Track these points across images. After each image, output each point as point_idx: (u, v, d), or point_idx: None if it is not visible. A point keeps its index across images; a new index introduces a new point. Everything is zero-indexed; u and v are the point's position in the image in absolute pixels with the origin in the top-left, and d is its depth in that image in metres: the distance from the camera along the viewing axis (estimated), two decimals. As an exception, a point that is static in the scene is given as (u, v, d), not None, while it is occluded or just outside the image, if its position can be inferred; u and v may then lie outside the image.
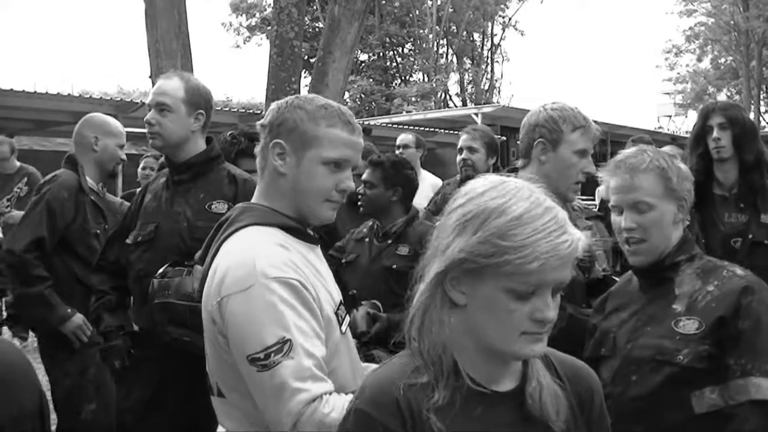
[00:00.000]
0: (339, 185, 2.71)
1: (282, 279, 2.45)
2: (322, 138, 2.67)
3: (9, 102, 20.61)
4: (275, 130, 2.71)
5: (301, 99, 2.76)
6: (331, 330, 2.61)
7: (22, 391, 1.82)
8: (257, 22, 53.45)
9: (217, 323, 2.52)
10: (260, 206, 2.75)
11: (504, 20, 59.70)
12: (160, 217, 4.17)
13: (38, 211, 4.99)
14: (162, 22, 11.82)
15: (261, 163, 2.79)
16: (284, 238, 2.64)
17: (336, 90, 12.27)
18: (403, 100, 47.15)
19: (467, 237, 1.95)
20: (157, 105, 4.16)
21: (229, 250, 2.61)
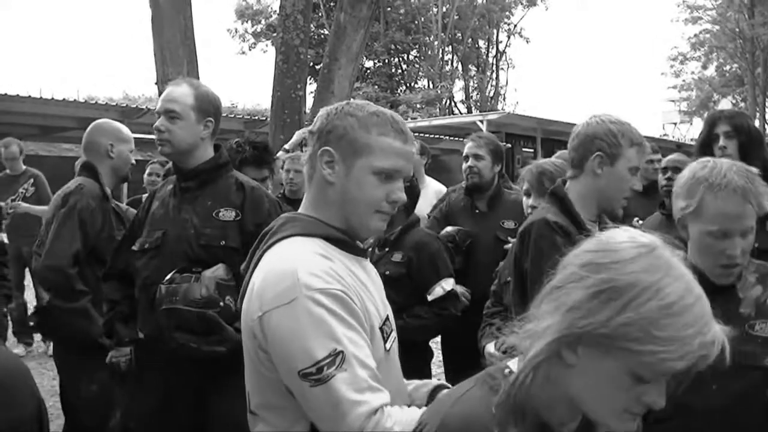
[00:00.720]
0: (390, 196, 2.57)
1: (326, 290, 2.32)
2: (373, 146, 2.53)
3: (15, 107, 20.68)
4: (324, 137, 2.57)
5: (352, 106, 2.61)
6: (376, 345, 2.48)
7: (21, 397, 1.83)
8: (263, 28, 53.54)
9: (258, 338, 2.38)
10: (305, 216, 2.62)
11: (509, 27, 59.74)
12: (167, 224, 4.17)
13: (71, 224, 4.93)
14: (168, 28, 11.82)
15: (309, 172, 2.66)
16: (327, 249, 2.51)
17: (341, 97, 12.25)
18: (408, 106, 47.18)
19: (611, 312, 1.74)
20: (166, 112, 4.15)
21: (269, 262, 2.48)
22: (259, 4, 53.63)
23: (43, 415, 1.91)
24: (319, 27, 46.56)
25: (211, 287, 3.84)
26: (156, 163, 9.19)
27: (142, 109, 23.58)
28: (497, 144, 6.20)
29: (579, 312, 1.78)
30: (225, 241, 4.06)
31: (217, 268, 3.95)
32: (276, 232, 2.58)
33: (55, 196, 5.24)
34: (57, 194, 5.23)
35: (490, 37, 59.51)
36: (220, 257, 4.02)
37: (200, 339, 3.82)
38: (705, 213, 3.06)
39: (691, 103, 62.06)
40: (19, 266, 9.69)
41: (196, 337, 3.82)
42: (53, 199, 5.27)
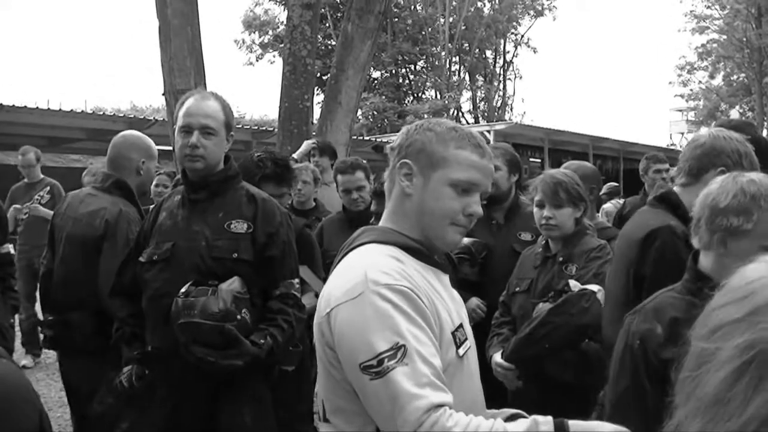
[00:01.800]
0: (466, 209, 2.58)
1: (393, 286, 2.34)
2: (450, 159, 2.57)
3: (23, 119, 20.74)
4: (404, 151, 2.65)
5: (431, 122, 2.70)
6: (445, 348, 2.44)
7: (20, 411, 1.83)
8: (270, 39, 53.56)
9: (326, 335, 2.41)
10: (382, 227, 2.68)
11: (516, 38, 59.72)
12: (176, 235, 4.15)
13: (120, 256, 4.74)
14: (176, 39, 11.82)
15: (389, 186, 2.72)
16: (401, 255, 2.53)
17: (349, 107, 12.28)
18: (416, 117, 47.06)
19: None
20: (202, 128, 4.11)
21: (344, 264, 2.56)
22: (267, 15, 53.70)
23: (45, 429, 1.91)
24: (326, 38, 46.63)
25: (228, 300, 3.84)
26: (163, 174, 9.21)
27: (150, 120, 23.65)
28: (513, 154, 6.13)
29: (722, 408, 1.25)
30: (237, 254, 4.05)
31: (233, 281, 3.95)
32: (353, 241, 2.65)
33: (91, 215, 5.13)
34: (94, 215, 5.12)
35: (497, 47, 59.48)
36: (232, 270, 4.02)
37: (218, 353, 3.82)
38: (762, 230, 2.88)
39: (698, 113, 62.00)
40: (30, 277, 9.71)
41: (213, 351, 3.82)
42: (87, 218, 5.14)
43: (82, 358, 5.03)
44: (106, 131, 20.10)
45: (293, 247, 4.25)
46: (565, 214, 4.65)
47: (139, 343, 4.25)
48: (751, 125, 5.19)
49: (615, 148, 35.29)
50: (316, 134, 11.80)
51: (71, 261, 5.14)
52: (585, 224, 4.81)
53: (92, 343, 4.92)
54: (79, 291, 5.04)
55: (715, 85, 61.27)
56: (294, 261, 4.27)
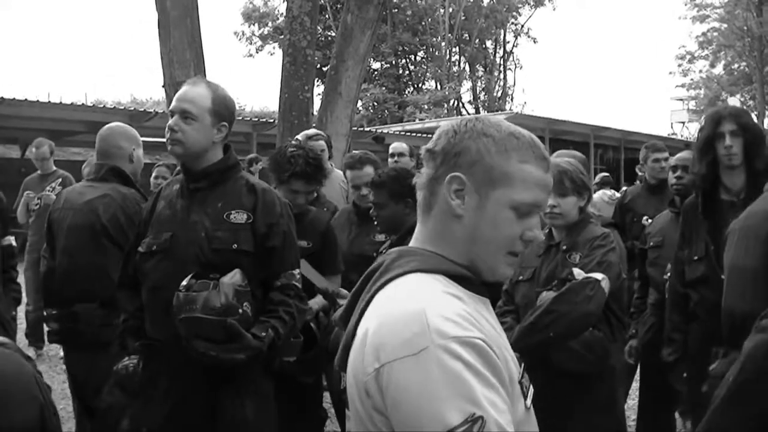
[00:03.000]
0: (525, 234, 2.14)
1: (464, 339, 1.85)
2: (514, 176, 2.09)
3: (23, 112, 20.76)
4: (452, 160, 2.12)
5: (485, 124, 2.16)
6: (515, 402, 2.02)
7: (13, 404, 1.81)
8: (269, 31, 53.62)
9: (373, 397, 1.92)
10: (422, 250, 2.18)
11: (516, 28, 59.72)
12: (175, 225, 4.10)
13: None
14: (175, 31, 11.83)
15: (426, 199, 2.20)
16: (452, 287, 2.06)
17: (349, 98, 12.28)
18: (416, 107, 47.22)
19: None
20: (181, 112, 4.06)
21: (387, 304, 2.02)
22: (266, 7, 53.76)
23: (46, 421, 1.89)
24: (326, 29, 46.68)
25: (230, 294, 3.80)
26: (163, 165, 9.23)
27: (150, 113, 23.68)
28: None
29: None
30: (237, 245, 4.00)
31: (234, 274, 3.91)
32: (388, 269, 2.14)
33: (92, 203, 5.16)
34: (95, 202, 5.16)
35: (497, 37, 59.51)
36: (232, 261, 3.97)
37: (219, 347, 3.79)
38: None
39: (699, 102, 61.97)
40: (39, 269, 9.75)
41: (215, 345, 3.79)
42: (88, 206, 5.17)
43: (89, 351, 5.02)
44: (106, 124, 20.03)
45: (294, 238, 4.22)
46: (570, 203, 4.63)
47: (145, 336, 4.23)
48: (747, 113, 5.16)
49: (616, 137, 35.32)
50: (317, 125, 11.79)
51: (75, 252, 5.13)
52: (588, 213, 4.79)
53: (100, 336, 4.92)
54: (84, 282, 5.04)
55: (716, 74, 61.26)
56: (295, 252, 4.23)
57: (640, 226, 7.14)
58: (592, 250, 4.44)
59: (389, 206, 5.04)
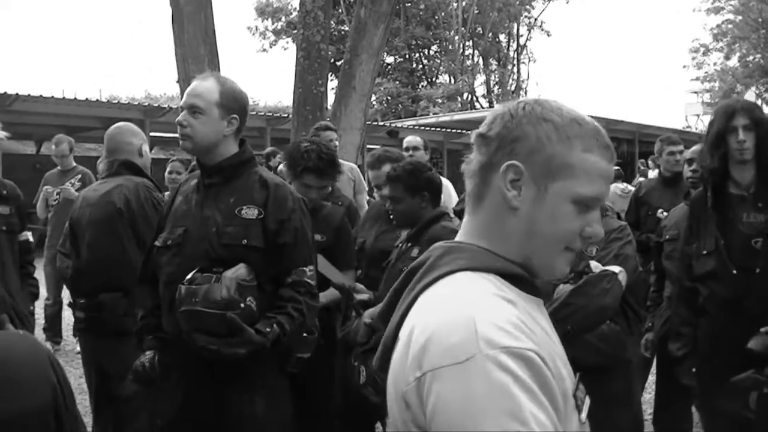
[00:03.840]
0: (585, 230, 1.95)
1: (515, 350, 1.64)
2: (576, 167, 1.90)
3: (38, 108, 20.82)
4: (508, 146, 1.92)
5: (545, 107, 1.95)
6: (569, 417, 1.82)
7: (26, 387, 1.82)
8: (283, 25, 53.64)
9: (413, 408, 1.73)
10: (471, 246, 1.97)
11: (530, 21, 59.63)
12: (189, 220, 4.11)
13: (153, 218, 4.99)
14: (189, 26, 11.87)
15: (477, 189, 1.99)
16: (504, 288, 1.85)
17: (363, 92, 12.30)
18: (429, 101, 47.19)
19: None
20: (189, 107, 4.06)
21: (433, 306, 1.82)
22: (279, 2, 53.74)
23: (60, 408, 1.89)
24: (339, 23, 46.60)
25: (232, 288, 3.78)
26: (177, 161, 9.24)
27: (164, 108, 23.75)
28: None
29: None
30: (247, 240, 3.98)
31: (238, 268, 3.89)
32: (434, 266, 1.94)
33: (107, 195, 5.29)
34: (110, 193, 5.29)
35: (510, 30, 59.42)
36: (242, 256, 3.95)
37: (220, 341, 3.78)
38: None
39: (714, 95, 61.62)
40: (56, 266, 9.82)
41: (215, 339, 3.79)
42: (105, 197, 5.29)
43: (113, 339, 5.11)
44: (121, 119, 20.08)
45: (307, 235, 4.19)
46: None
47: (161, 330, 4.24)
48: (759, 107, 5.11)
49: (630, 130, 35.24)
50: (331, 119, 11.80)
51: (97, 244, 5.24)
52: (605, 206, 4.78)
53: (123, 324, 4.98)
54: (107, 273, 5.17)
55: (731, 66, 60.97)
56: (308, 248, 4.19)
57: (656, 219, 7.11)
58: (609, 242, 4.43)
59: (405, 200, 5.03)
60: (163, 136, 25.93)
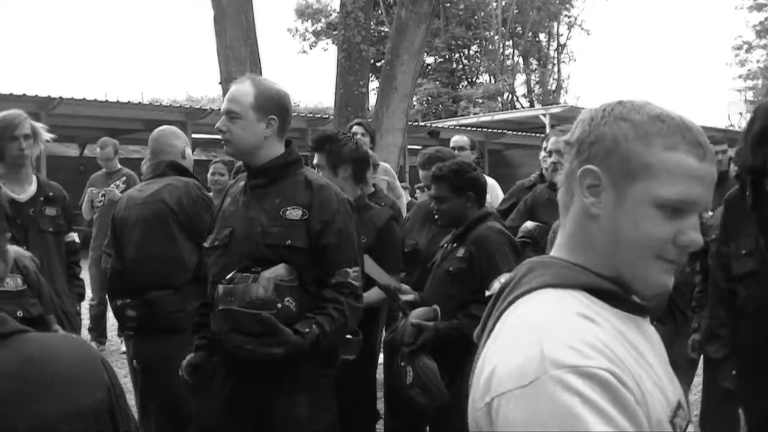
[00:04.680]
0: (679, 237, 1.74)
1: (583, 369, 1.51)
2: (656, 166, 1.73)
3: (82, 111, 21.03)
4: (586, 151, 1.81)
5: (626, 107, 1.81)
6: None
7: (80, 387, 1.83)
8: (323, 27, 53.78)
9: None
10: (558, 260, 1.86)
11: (570, 20, 59.39)
12: (236, 221, 4.13)
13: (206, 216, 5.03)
14: (231, 28, 11.92)
15: (564, 199, 1.90)
16: (591, 306, 1.71)
17: (405, 93, 12.29)
18: (470, 102, 47.12)
19: None
20: (227, 112, 4.11)
21: (508, 327, 1.73)
22: (319, 3, 53.93)
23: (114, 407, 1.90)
24: (378, 24, 46.65)
25: (269, 288, 3.78)
26: (219, 162, 9.29)
27: (205, 110, 23.89)
28: None
29: None
30: (291, 241, 3.98)
31: (277, 268, 3.88)
32: (517, 285, 1.82)
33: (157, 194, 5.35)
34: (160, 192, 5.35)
35: (550, 30, 59.22)
36: (286, 257, 3.95)
37: (256, 341, 3.78)
38: None
39: (757, 92, 60.94)
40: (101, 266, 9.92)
41: (251, 338, 3.79)
42: (154, 196, 5.35)
43: (163, 336, 5.15)
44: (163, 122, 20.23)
45: (352, 236, 4.16)
46: None
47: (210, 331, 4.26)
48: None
49: (673, 129, 34.99)
50: (373, 120, 11.81)
51: (146, 242, 5.28)
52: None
53: (173, 321, 5.02)
54: (156, 270, 5.22)
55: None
56: (352, 250, 4.16)
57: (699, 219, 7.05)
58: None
59: (450, 200, 5.02)
60: (205, 137, 26.09)
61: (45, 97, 19.30)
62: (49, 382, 1.79)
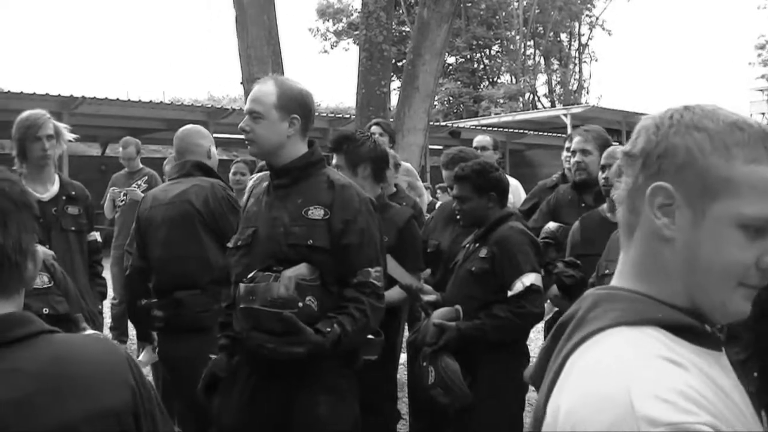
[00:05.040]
0: (762, 260, 1.53)
1: (684, 426, 1.30)
2: (739, 182, 1.52)
3: (103, 110, 21.11)
4: (654, 164, 1.58)
5: (696, 113, 1.59)
6: None
7: (103, 387, 1.84)
8: (344, 27, 53.84)
9: None
10: (627, 292, 1.62)
11: (591, 20, 59.24)
12: (259, 221, 4.13)
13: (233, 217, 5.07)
14: (253, 28, 11.93)
15: (627, 218, 1.67)
16: (671, 345, 1.49)
17: (426, 92, 12.28)
18: (491, 102, 47.07)
19: None
20: (250, 112, 4.11)
21: (582, 375, 1.49)
22: (340, 3, 54.02)
23: (139, 410, 1.90)
24: (399, 24, 46.66)
25: (290, 287, 3.76)
26: (241, 162, 9.28)
27: (227, 110, 23.95)
28: (606, 138, 5.94)
29: None
30: (312, 240, 3.96)
31: (298, 267, 3.87)
32: (583, 321, 1.59)
33: (184, 194, 5.33)
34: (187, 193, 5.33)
35: (572, 30, 59.12)
36: (308, 257, 3.94)
37: (277, 340, 3.77)
38: None
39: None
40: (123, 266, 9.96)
41: (272, 337, 3.79)
42: (181, 197, 5.33)
43: (189, 335, 5.15)
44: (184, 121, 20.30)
45: (374, 236, 4.14)
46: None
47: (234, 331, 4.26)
48: None
49: (694, 129, 34.87)
50: (395, 120, 11.80)
51: (172, 242, 5.26)
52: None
53: (200, 321, 5.02)
54: (183, 270, 5.20)
55: (798, 63, 60.01)
56: (374, 249, 4.13)
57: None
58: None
59: (472, 200, 5.00)
60: (227, 137, 26.14)
61: (67, 96, 19.38)
62: (72, 382, 1.80)
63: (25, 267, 1.87)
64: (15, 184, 1.88)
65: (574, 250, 5.39)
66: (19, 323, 1.82)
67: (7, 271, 1.83)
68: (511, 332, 4.92)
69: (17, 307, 1.87)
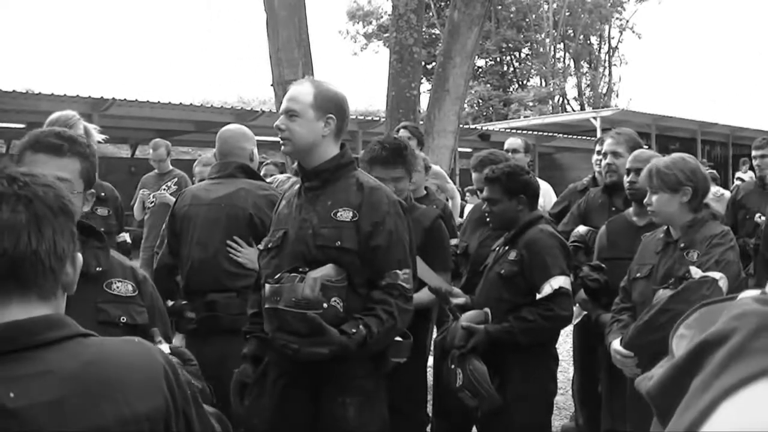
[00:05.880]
0: None
1: None
2: None
3: (133, 112, 21.19)
4: None
5: None
6: None
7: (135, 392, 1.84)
8: (374, 29, 53.85)
9: None
10: None
11: (621, 23, 59.00)
12: (289, 223, 4.14)
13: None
14: (283, 30, 11.95)
15: None
16: None
17: (457, 95, 12.27)
18: (521, 105, 47.00)
19: None
20: (286, 111, 4.11)
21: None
22: (370, 5, 54.02)
23: (171, 416, 1.91)
24: (429, 26, 46.65)
25: (315, 288, 3.77)
26: (270, 164, 9.29)
27: (256, 112, 23.98)
28: (637, 141, 5.94)
29: None
30: (340, 242, 3.98)
31: (325, 268, 3.88)
32: (746, 351, 1.07)
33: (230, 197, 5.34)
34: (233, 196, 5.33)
35: (601, 33, 58.90)
36: (336, 258, 3.95)
37: (301, 340, 3.77)
38: None
39: (812, 96, 60.40)
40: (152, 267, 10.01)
41: (297, 338, 3.80)
42: (227, 200, 5.34)
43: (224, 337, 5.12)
44: (214, 123, 20.44)
45: (402, 237, 4.13)
46: (662, 200, 4.56)
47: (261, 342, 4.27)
48: None
49: (724, 133, 34.70)
50: (425, 122, 11.80)
51: (210, 243, 5.26)
52: (709, 210, 4.69)
53: (235, 323, 5.02)
54: (218, 273, 5.21)
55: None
56: (403, 251, 4.12)
57: (753, 224, 7.00)
58: (711, 248, 4.36)
59: (502, 202, 5.00)
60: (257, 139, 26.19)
61: (98, 98, 19.45)
62: (105, 386, 1.81)
63: (62, 271, 1.89)
64: (52, 188, 1.89)
65: (600, 254, 5.41)
66: (53, 326, 1.83)
67: (42, 275, 1.84)
68: (540, 335, 4.91)
69: (55, 309, 1.89)
